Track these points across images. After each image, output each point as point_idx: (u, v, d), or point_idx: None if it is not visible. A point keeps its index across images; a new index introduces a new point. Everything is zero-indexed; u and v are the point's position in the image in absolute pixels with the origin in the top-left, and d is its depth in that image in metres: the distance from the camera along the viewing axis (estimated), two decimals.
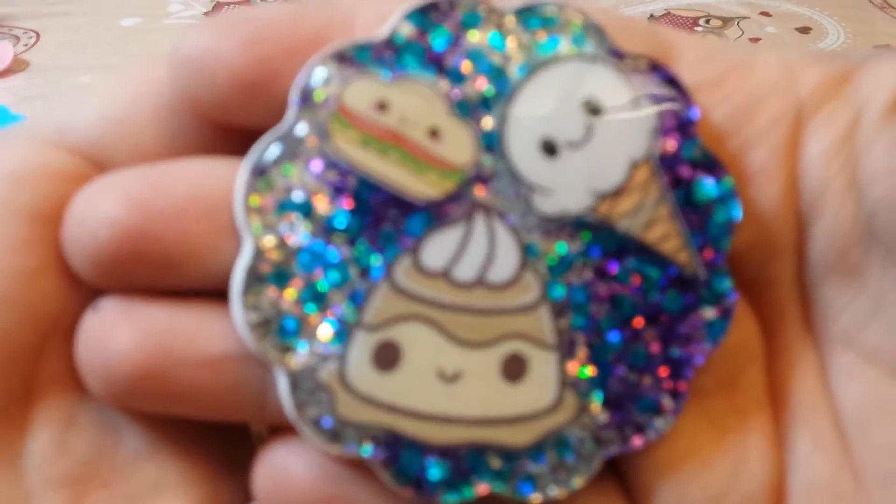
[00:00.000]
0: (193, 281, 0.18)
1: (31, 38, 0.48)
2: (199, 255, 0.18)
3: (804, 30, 0.46)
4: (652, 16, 0.46)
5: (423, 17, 0.18)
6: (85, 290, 0.18)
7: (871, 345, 0.19)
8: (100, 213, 0.17)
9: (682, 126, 0.19)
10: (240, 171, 0.18)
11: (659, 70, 0.19)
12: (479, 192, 0.18)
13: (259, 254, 0.17)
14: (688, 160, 0.19)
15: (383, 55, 0.18)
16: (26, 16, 0.48)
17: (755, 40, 0.45)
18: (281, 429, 0.19)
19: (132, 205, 0.17)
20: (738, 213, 0.19)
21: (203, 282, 0.18)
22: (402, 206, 0.18)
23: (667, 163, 0.18)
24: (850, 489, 0.19)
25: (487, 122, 0.18)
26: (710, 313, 0.19)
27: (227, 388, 0.18)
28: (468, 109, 0.18)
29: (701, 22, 0.46)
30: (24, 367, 0.18)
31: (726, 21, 0.46)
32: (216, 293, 0.18)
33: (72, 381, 0.19)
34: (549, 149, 0.18)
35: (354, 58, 0.18)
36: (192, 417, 0.19)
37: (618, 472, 0.20)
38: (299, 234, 0.18)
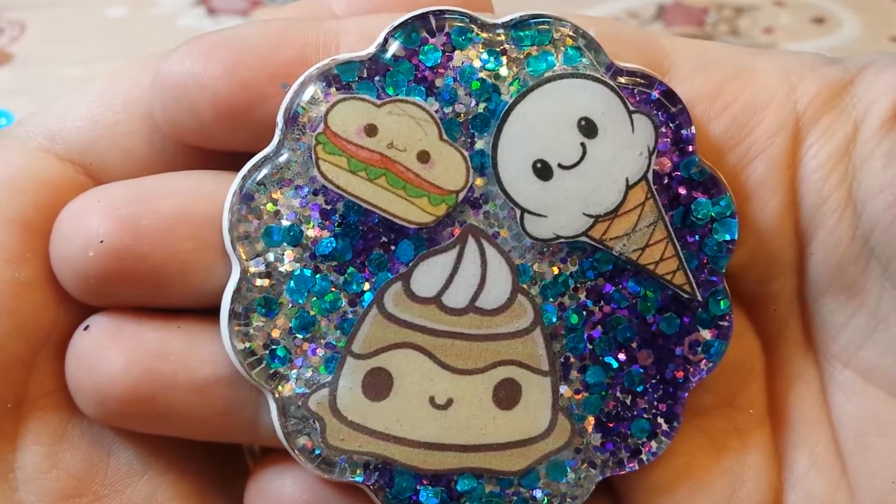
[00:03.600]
0: (183, 299, 0.18)
1: (15, 29, 0.47)
2: (188, 274, 0.17)
3: (818, 20, 0.45)
4: (661, 6, 0.45)
5: (411, 34, 0.17)
6: (76, 304, 0.18)
7: (870, 363, 0.19)
8: (87, 230, 0.17)
9: (679, 144, 0.18)
10: (227, 196, 0.17)
11: (655, 84, 0.18)
12: (471, 216, 0.18)
13: (247, 281, 0.17)
14: (685, 179, 0.18)
15: (371, 75, 0.17)
16: (11, 7, 0.47)
17: (768, 31, 0.44)
18: (274, 449, 0.18)
19: (120, 223, 0.17)
20: (735, 233, 0.18)
21: (192, 300, 0.18)
22: (393, 231, 0.17)
23: (663, 182, 0.18)
24: None
25: (479, 144, 0.18)
26: (706, 335, 0.18)
27: (218, 412, 0.18)
28: (459, 131, 0.17)
29: (712, 12, 0.45)
30: (15, 380, 0.18)
31: (738, 11, 0.45)
32: (208, 309, 0.18)
33: (63, 395, 0.18)
34: (543, 171, 0.18)
35: (341, 78, 0.17)
36: (185, 437, 0.19)
37: (612, 491, 0.20)
38: (287, 260, 0.17)
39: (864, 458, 0.19)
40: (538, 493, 0.18)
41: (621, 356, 0.18)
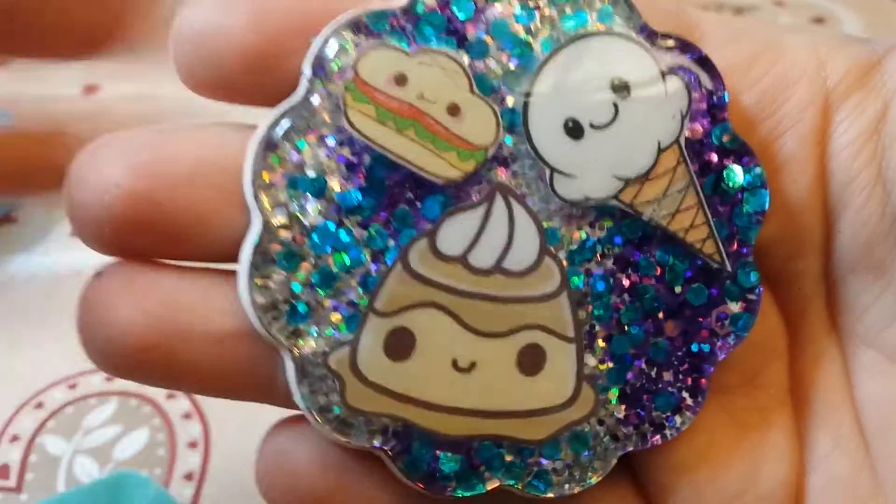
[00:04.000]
0: (200, 251, 0.17)
1: None
2: (207, 224, 0.17)
3: (818, 20, 0.45)
4: None
5: None
6: None
7: (895, 344, 0.19)
8: (103, 174, 0.16)
9: (712, 110, 0.18)
10: (250, 144, 0.17)
11: (690, 50, 0.18)
12: (500, 174, 0.17)
13: (269, 232, 0.16)
14: (717, 146, 0.18)
15: (402, 25, 0.17)
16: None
17: None
18: (289, 410, 0.18)
19: (137, 168, 0.16)
20: (766, 204, 0.18)
21: (211, 253, 0.17)
22: (419, 186, 0.17)
23: (695, 148, 0.18)
24: (868, 490, 0.19)
25: (510, 101, 0.17)
26: (734, 307, 0.18)
27: (233, 367, 0.17)
28: (490, 86, 0.17)
29: (712, 12, 0.45)
30: None
31: (738, 12, 0.45)
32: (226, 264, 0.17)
33: None
34: (574, 130, 0.17)
35: (371, 27, 0.17)
36: (197, 394, 0.18)
37: (631, 468, 0.19)
38: (311, 213, 0.17)
39: (887, 440, 0.19)
40: (559, 464, 0.18)
41: (648, 326, 0.18)
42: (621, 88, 0.17)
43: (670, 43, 0.18)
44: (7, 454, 0.28)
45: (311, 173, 0.17)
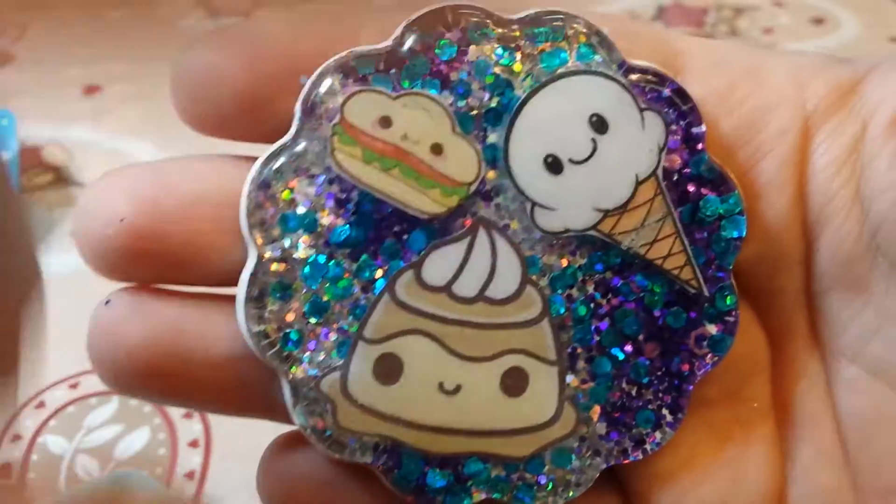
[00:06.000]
0: (201, 279, 0.18)
1: (17, 30, 0.47)
2: (206, 254, 0.18)
3: (817, 21, 0.44)
4: (661, 6, 0.45)
5: (428, 29, 0.18)
6: None
7: (876, 358, 0.19)
8: (109, 208, 0.18)
9: (689, 142, 0.18)
10: (245, 182, 0.18)
11: (667, 83, 0.18)
12: (482, 207, 0.18)
13: (262, 266, 0.18)
14: (694, 176, 0.18)
15: (387, 68, 0.18)
16: (12, 8, 0.48)
17: (767, 31, 0.44)
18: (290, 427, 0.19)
19: (140, 202, 0.18)
20: (743, 230, 0.19)
21: (210, 280, 0.18)
22: (405, 220, 0.18)
23: (673, 179, 0.18)
24: (850, 501, 0.19)
25: (492, 137, 0.18)
26: (712, 329, 0.19)
27: (233, 388, 0.19)
28: (472, 124, 0.18)
29: (711, 12, 0.45)
30: None
31: (738, 12, 0.45)
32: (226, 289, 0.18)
33: None
34: (554, 166, 0.18)
35: (358, 70, 0.18)
36: (201, 412, 0.19)
37: (617, 479, 0.20)
38: (302, 247, 0.18)
39: (869, 453, 0.19)
40: (543, 479, 0.19)
41: (628, 348, 0.19)
42: (599, 125, 0.18)
43: (649, 77, 0.18)
44: (9, 453, 0.28)
45: (301, 210, 0.18)
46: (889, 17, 0.45)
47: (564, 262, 0.18)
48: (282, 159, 0.18)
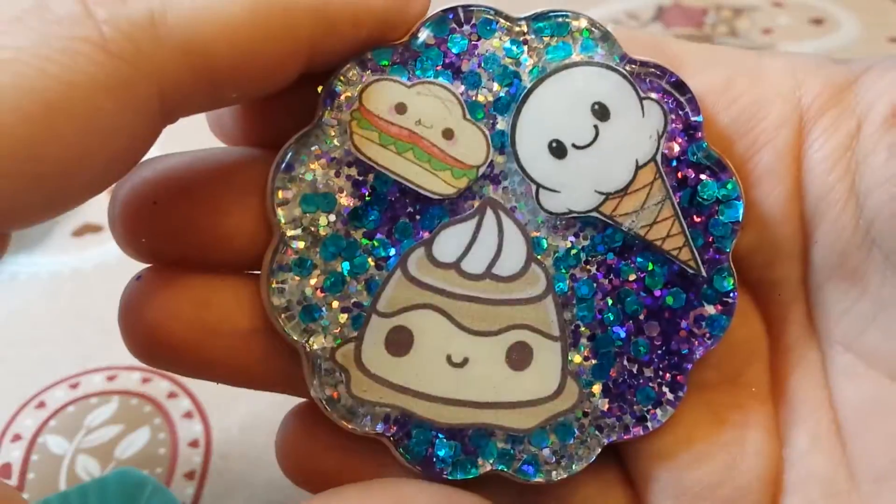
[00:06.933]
0: (228, 259, 0.20)
1: None
2: (234, 235, 0.19)
3: (817, 21, 0.45)
4: (660, 7, 0.46)
5: (441, 26, 0.19)
6: None
7: (871, 348, 0.20)
8: (141, 194, 0.19)
9: (688, 129, 0.19)
10: (271, 167, 0.19)
11: (667, 74, 0.19)
12: (491, 190, 0.19)
13: (284, 243, 0.19)
14: (693, 162, 0.19)
15: (403, 60, 0.19)
16: None
17: (767, 32, 0.45)
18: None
19: (172, 187, 0.19)
20: (739, 214, 0.19)
21: (238, 260, 0.20)
22: (418, 201, 0.19)
23: (672, 165, 0.19)
24: (844, 486, 0.20)
25: (500, 124, 0.19)
26: (711, 310, 0.20)
27: (256, 361, 0.20)
28: (482, 112, 0.19)
29: (710, 13, 0.46)
30: None
31: (737, 12, 0.46)
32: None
33: None
34: (558, 150, 0.19)
35: (376, 62, 0.19)
36: (227, 384, 0.20)
37: (619, 457, 0.21)
38: (321, 225, 0.19)
39: (863, 439, 0.20)
40: (546, 451, 0.20)
41: (629, 326, 0.20)
42: (601, 112, 0.19)
43: (650, 69, 0.19)
44: (9, 453, 0.28)
45: (322, 189, 0.19)
46: (888, 17, 0.45)
47: (568, 244, 0.19)
48: (305, 144, 0.19)
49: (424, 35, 0.19)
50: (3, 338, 0.32)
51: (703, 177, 0.19)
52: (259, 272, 0.19)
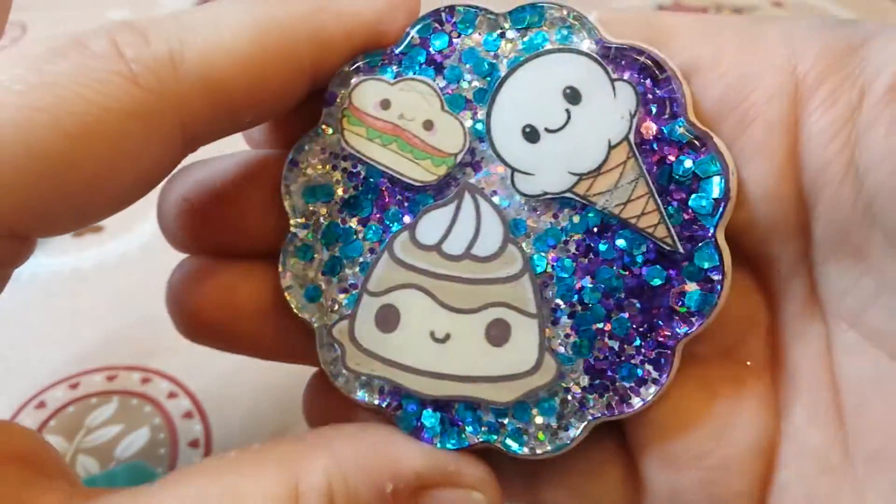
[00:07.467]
0: (251, 248, 0.22)
1: (17, 30, 0.46)
2: (256, 229, 0.22)
3: None
4: (660, 6, 0.45)
5: (426, 26, 0.21)
6: None
7: (874, 326, 0.19)
8: (176, 193, 0.22)
9: (665, 107, 0.19)
10: (284, 164, 0.22)
11: (643, 55, 0.20)
12: (469, 175, 0.20)
13: (293, 232, 0.21)
14: (671, 140, 0.19)
15: (391, 61, 0.21)
16: (12, 8, 0.51)
17: None
18: None
19: (200, 188, 0.22)
20: (719, 191, 0.19)
21: (260, 249, 0.22)
22: (406, 189, 0.21)
23: (648, 143, 0.19)
24: (839, 462, 0.19)
25: (480, 114, 0.20)
26: (692, 287, 0.19)
27: (277, 337, 0.22)
28: (463, 103, 0.20)
29: (710, 13, 0.44)
30: None
31: (737, 12, 0.44)
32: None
33: None
34: (531, 135, 0.20)
35: (368, 65, 0.21)
36: (256, 357, 0.23)
37: (620, 428, 0.21)
38: (321, 214, 0.21)
39: (861, 417, 0.19)
40: (531, 427, 0.20)
41: (609, 304, 0.20)
42: (572, 96, 0.20)
43: (625, 52, 0.20)
44: None
45: (320, 183, 0.21)
46: (888, 16, 0.41)
47: (548, 224, 0.20)
48: (308, 142, 0.21)
49: (411, 36, 0.21)
50: (3, 338, 0.32)
51: (681, 153, 0.19)
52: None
